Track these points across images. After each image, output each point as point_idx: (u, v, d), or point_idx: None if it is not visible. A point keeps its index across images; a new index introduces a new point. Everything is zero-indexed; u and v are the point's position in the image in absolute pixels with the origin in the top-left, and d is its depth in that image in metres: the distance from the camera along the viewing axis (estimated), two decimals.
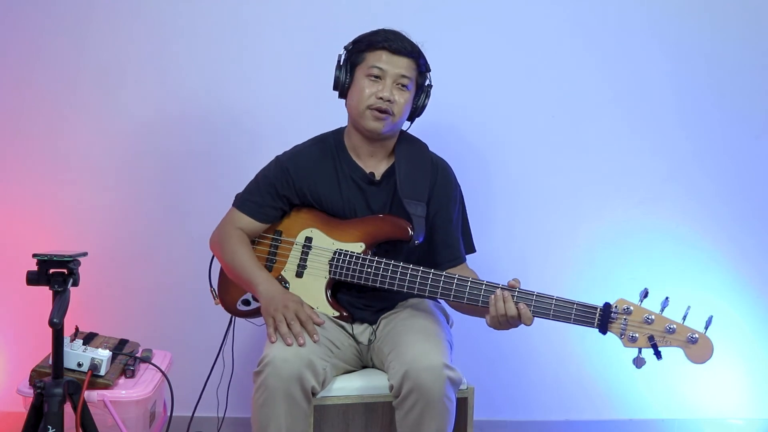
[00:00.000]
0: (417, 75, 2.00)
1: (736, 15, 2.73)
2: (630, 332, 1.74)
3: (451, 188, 2.08)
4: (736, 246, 2.75)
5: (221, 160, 2.69)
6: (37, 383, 1.80)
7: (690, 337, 1.71)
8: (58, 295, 1.74)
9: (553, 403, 2.79)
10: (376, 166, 2.05)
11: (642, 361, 1.73)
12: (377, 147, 2.04)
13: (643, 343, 1.73)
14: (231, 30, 2.66)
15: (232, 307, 2.13)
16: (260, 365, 1.79)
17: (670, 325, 1.72)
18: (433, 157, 2.09)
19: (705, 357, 1.72)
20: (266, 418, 1.78)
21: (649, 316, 1.73)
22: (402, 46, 1.97)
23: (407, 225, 1.96)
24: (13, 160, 2.67)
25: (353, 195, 2.03)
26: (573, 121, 2.73)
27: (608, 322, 1.75)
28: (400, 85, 1.96)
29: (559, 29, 2.71)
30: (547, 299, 1.79)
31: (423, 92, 2.04)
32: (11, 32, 2.63)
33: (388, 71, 1.95)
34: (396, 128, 2.02)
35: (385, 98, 1.94)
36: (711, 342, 1.72)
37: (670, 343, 1.73)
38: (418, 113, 2.06)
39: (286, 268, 2.05)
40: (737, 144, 2.76)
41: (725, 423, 2.78)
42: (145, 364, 2.28)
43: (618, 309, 1.75)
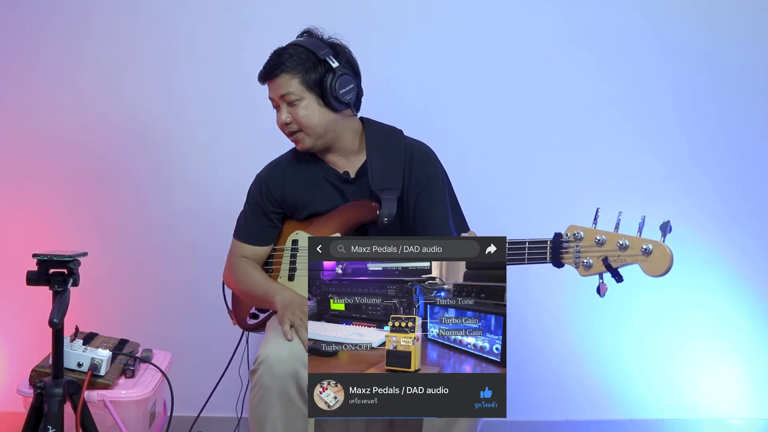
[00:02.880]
0: (300, 80, 1.94)
1: (736, 15, 2.73)
2: (584, 258, 1.59)
3: (429, 170, 2.04)
4: (736, 246, 2.75)
5: (222, 160, 2.69)
6: (37, 383, 1.81)
7: (644, 248, 1.53)
8: (58, 295, 1.74)
9: (553, 403, 2.79)
10: (349, 165, 2.05)
11: (604, 287, 1.57)
12: (339, 149, 2.04)
13: (598, 267, 1.56)
14: (231, 30, 2.67)
15: (243, 323, 2.16)
16: (255, 364, 1.80)
17: (621, 241, 1.55)
18: (408, 143, 2.06)
19: (662, 267, 1.52)
20: (262, 416, 1.78)
21: (601, 236, 1.57)
22: (268, 70, 1.97)
23: (373, 204, 1.97)
24: (13, 160, 2.67)
25: (332, 196, 2.04)
26: (573, 121, 2.73)
27: (561, 253, 1.62)
28: (288, 103, 1.96)
29: (559, 29, 2.71)
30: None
31: (326, 80, 1.94)
32: (11, 32, 2.64)
33: (274, 98, 1.99)
34: (321, 135, 1.98)
35: (281, 124, 1.99)
36: (668, 249, 1.52)
37: (626, 260, 1.54)
38: (342, 98, 1.95)
39: (280, 274, 2.07)
40: (737, 144, 2.76)
41: (725, 423, 2.77)
42: (145, 364, 2.28)
43: (568, 236, 1.62)
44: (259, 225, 2.07)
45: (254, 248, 2.08)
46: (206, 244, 2.30)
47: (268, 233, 2.08)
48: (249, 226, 2.08)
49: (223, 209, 2.16)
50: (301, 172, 2.06)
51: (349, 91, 1.96)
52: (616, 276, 1.57)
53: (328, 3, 2.65)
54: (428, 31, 2.69)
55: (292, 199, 2.06)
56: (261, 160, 2.13)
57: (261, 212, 2.07)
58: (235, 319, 2.19)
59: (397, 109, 2.31)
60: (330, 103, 1.95)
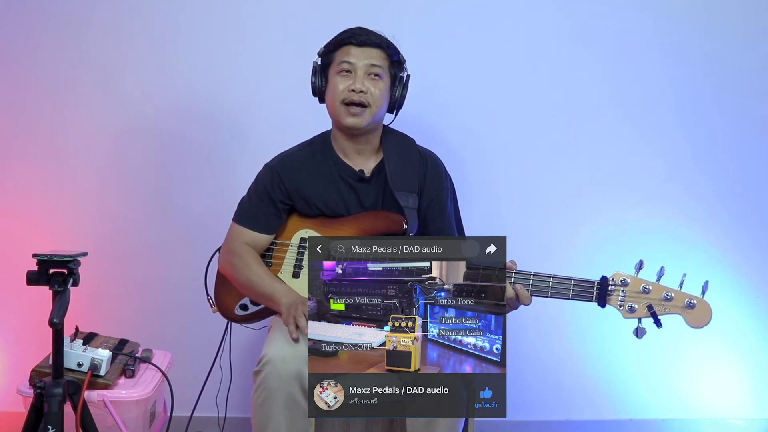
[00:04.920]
0: (389, 64, 2.00)
1: (736, 15, 2.73)
2: (628, 303, 1.76)
3: (441, 179, 2.08)
4: (736, 246, 2.75)
5: (222, 160, 2.69)
6: (37, 383, 1.81)
7: (688, 303, 1.75)
8: (58, 295, 1.74)
9: (553, 403, 2.79)
10: (364, 163, 2.06)
11: (643, 330, 1.76)
12: (362, 144, 2.04)
13: (642, 312, 1.76)
14: (231, 30, 2.66)
15: (230, 314, 2.12)
16: (259, 365, 1.79)
17: (667, 293, 1.75)
18: (420, 150, 2.09)
19: (704, 321, 1.75)
20: (265, 417, 1.78)
21: (647, 285, 1.76)
22: (368, 38, 1.99)
23: (400, 218, 1.97)
24: (13, 160, 2.67)
25: (345, 193, 2.03)
26: (573, 121, 2.73)
27: (606, 295, 1.78)
28: (372, 75, 1.97)
29: (559, 29, 2.71)
30: (545, 278, 1.81)
31: (399, 83, 2.03)
32: (11, 32, 2.63)
33: (357, 63, 1.97)
34: (377, 120, 2.01)
35: (357, 90, 1.95)
36: (709, 306, 1.75)
37: (669, 310, 1.75)
38: (399, 105, 2.05)
39: (283, 269, 2.05)
40: (737, 144, 2.76)
41: (725, 423, 2.78)
42: (145, 364, 2.28)
43: (615, 281, 1.78)
44: (266, 212, 2.04)
45: (256, 235, 2.04)
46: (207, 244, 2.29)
47: (273, 222, 2.05)
48: (254, 212, 2.05)
49: (224, 209, 2.15)
50: (317, 166, 2.05)
51: (404, 99, 2.06)
52: (657, 323, 1.76)
53: (328, 3, 2.65)
54: (428, 31, 2.69)
55: (304, 191, 2.04)
56: (262, 158, 2.13)
57: (269, 200, 2.04)
58: (216, 307, 2.15)
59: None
60: (394, 98, 2.02)
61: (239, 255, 2.03)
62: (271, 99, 2.66)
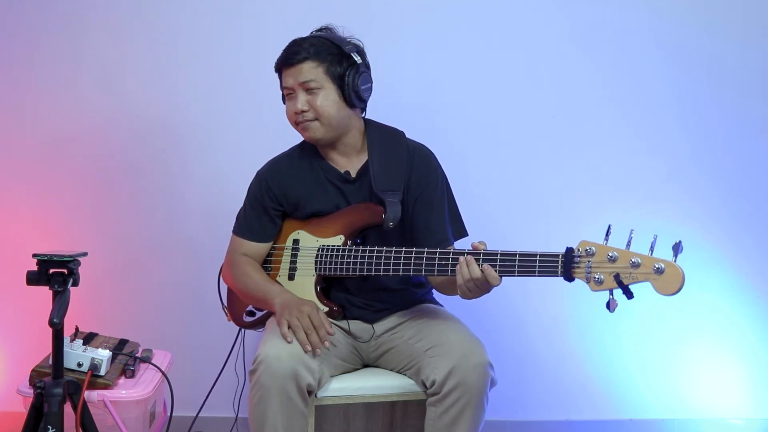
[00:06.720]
0: (325, 69, 1.95)
1: (736, 15, 2.73)
2: (595, 274, 1.59)
3: (429, 172, 2.05)
4: (736, 246, 2.75)
5: (222, 159, 2.69)
6: (37, 383, 1.81)
7: (656, 268, 1.53)
8: (58, 295, 1.74)
9: (553, 403, 2.78)
10: (350, 164, 2.05)
11: (614, 303, 1.59)
12: (342, 146, 2.04)
13: (610, 283, 1.57)
14: (231, 30, 2.66)
15: (240, 320, 2.16)
16: (255, 363, 1.80)
17: (634, 259, 1.56)
18: (410, 144, 2.07)
19: (674, 287, 1.52)
20: (262, 416, 1.78)
21: (613, 253, 1.57)
22: (294, 57, 1.96)
23: (380, 209, 1.95)
24: (13, 160, 2.67)
25: (333, 195, 2.04)
26: (573, 121, 2.73)
27: (572, 268, 1.62)
28: (309, 90, 1.96)
29: (558, 29, 2.71)
30: (510, 255, 1.71)
31: (348, 75, 1.96)
32: (10, 32, 2.63)
33: (293, 85, 1.97)
34: (335, 126, 1.98)
35: (298, 111, 1.96)
36: (680, 269, 1.52)
37: (637, 278, 1.55)
38: (361, 95, 1.98)
39: (280, 273, 2.07)
40: (737, 144, 2.76)
41: (725, 423, 2.77)
42: (145, 364, 2.28)
43: (580, 251, 1.62)
44: (260, 221, 2.07)
45: (254, 245, 2.08)
46: (206, 243, 2.29)
47: (268, 230, 2.08)
48: (249, 222, 2.08)
49: (224, 208, 2.16)
50: (302, 169, 2.06)
51: (367, 89, 2.01)
52: (627, 293, 1.57)
53: (327, 2, 2.65)
54: (428, 31, 2.69)
55: (293, 196, 2.05)
56: (262, 158, 2.13)
57: (261, 208, 2.07)
58: (230, 316, 2.19)
59: (396, 109, 2.30)
60: (349, 97, 1.97)
61: (238, 265, 2.07)
62: (271, 99, 2.65)
